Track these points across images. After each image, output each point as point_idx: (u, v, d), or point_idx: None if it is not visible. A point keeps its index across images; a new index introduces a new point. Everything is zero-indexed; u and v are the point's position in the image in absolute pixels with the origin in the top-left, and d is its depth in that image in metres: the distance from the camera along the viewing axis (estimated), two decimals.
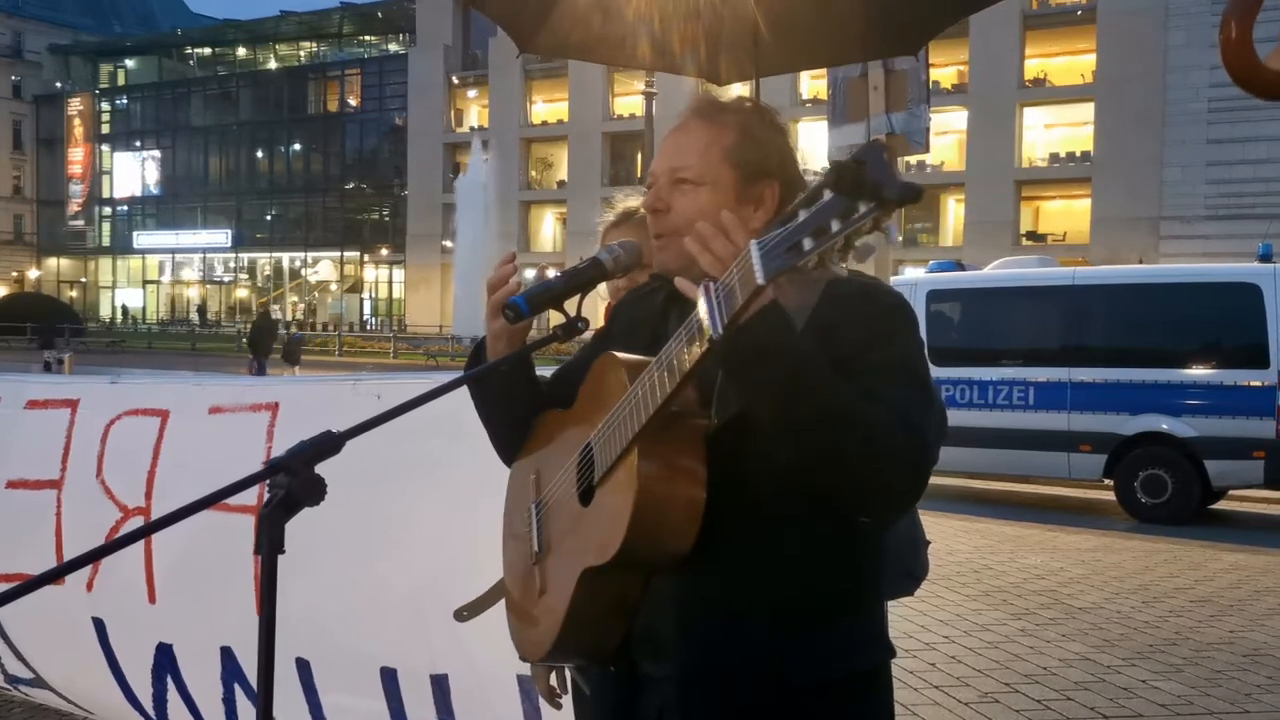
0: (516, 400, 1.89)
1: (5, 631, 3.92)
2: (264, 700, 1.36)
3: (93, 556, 1.36)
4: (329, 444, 1.36)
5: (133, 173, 69.61)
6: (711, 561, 1.61)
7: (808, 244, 1.25)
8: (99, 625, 3.61)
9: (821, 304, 1.62)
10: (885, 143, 1.27)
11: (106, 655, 3.61)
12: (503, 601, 1.96)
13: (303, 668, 3.15)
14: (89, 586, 3.58)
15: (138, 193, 69.43)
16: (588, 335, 1.98)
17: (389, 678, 3.01)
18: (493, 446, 1.98)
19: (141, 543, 3.39)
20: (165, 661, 3.46)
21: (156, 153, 69.11)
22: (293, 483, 1.33)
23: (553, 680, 2.23)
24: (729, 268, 1.39)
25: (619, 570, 1.59)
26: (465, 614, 2.70)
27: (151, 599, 3.43)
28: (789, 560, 1.64)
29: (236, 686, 3.28)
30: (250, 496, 2.93)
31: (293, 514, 1.33)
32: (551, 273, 1.88)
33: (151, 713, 3.59)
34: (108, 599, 3.56)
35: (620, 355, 1.66)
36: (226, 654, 3.27)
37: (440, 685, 2.93)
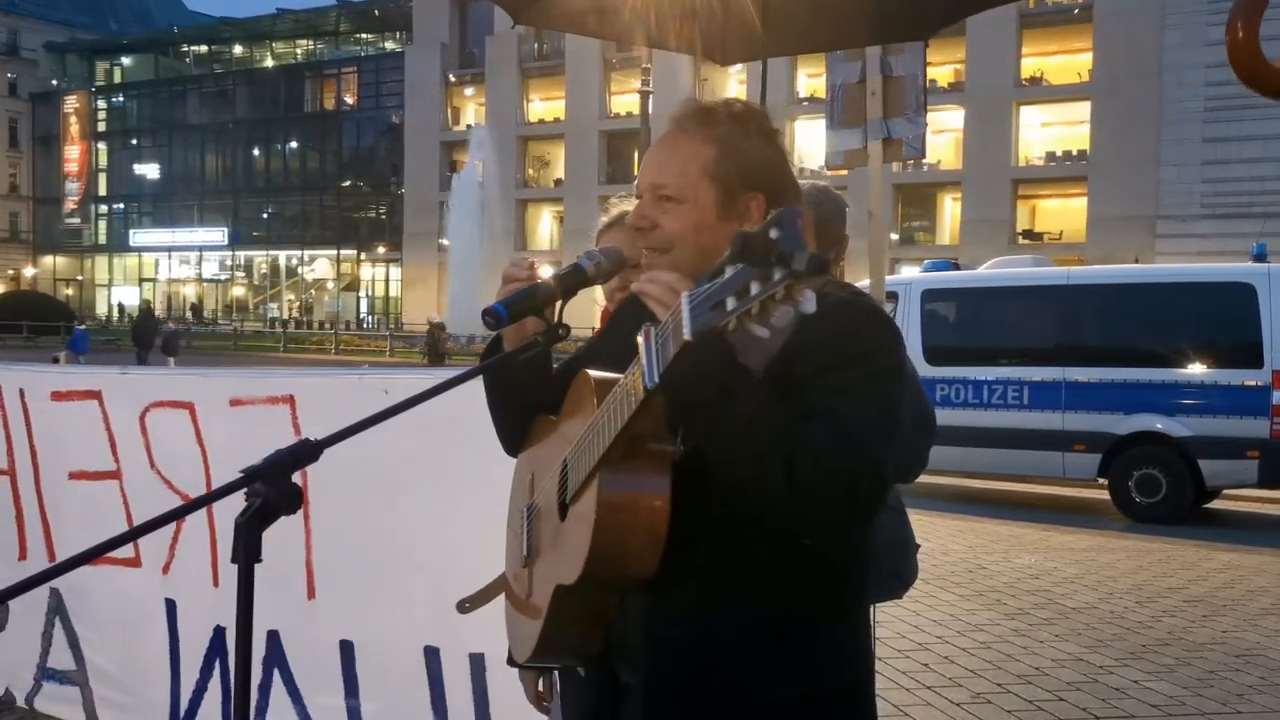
0: (523, 392, 1.89)
1: (68, 614, 4.03)
2: (242, 699, 1.35)
3: (99, 551, 1.36)
4: (307, 452, 1.36)
5: (129, 171, 69.53)
6: (681, 574, 1.60)
7: (730, 303, 1.27)
8: (170, 606, 3.75)
9: (799, 325, 1.60)
10: (800, 210, 1.28)
11: (170, 637, 3.75)
12: (503, 595, 1.99)
13: (345, 649, 3.28)
14: (165, 570, 3.74)
15: (134, 190, 69.36)
16: (576, 340, 1.98)
17: (432, 656, 3.10)
18: (498, 437, 1.99)
19: (208, 531, 3.56)
20: (218, 644, 3.62)
21: (153, 150, 69.02)
22: (270, 491, 1.33)
23: (540, 686, 2.23)
24: (669, 314, 1.42)
25: (587, 589, 1.62)
26: (467, 605, 2.72)
27: (215, 583, 3.59)
28: (762, 571, 1.62)
29: (275, 672, 3.42)
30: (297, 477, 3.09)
31: (269, 523, 1.33)
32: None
33: (185, 705, 3.70)
34: (182, 581, 3.71)
35: (593, 374, 1.68)
36: (272, 637, 3.42)
37: (478, 663, 3.01)
